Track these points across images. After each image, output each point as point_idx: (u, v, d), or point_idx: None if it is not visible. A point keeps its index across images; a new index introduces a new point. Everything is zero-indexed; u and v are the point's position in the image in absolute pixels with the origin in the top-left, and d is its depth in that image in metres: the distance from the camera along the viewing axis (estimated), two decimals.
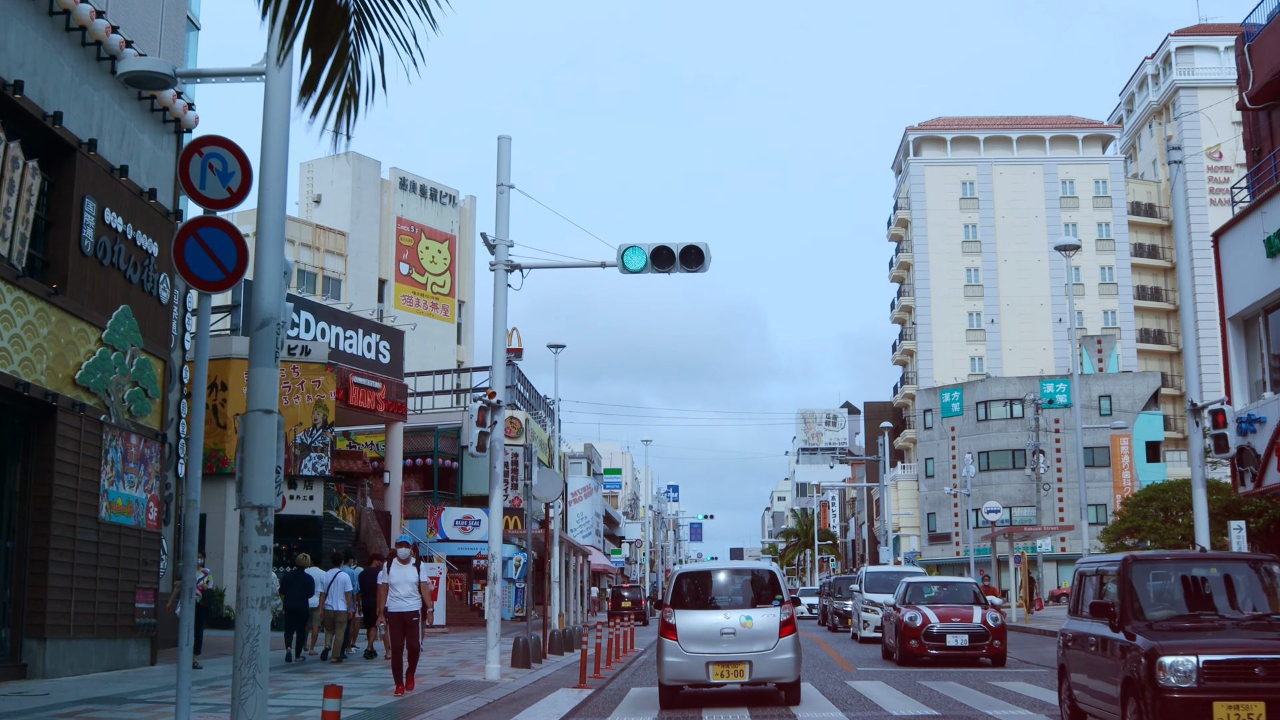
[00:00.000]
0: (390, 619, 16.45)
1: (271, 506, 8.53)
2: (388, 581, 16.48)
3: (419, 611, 16.46)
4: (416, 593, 16.44)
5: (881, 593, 31.37)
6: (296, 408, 42.06)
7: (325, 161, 71.48)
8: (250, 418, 8.60)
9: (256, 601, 8.19)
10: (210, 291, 9.02)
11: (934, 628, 21.31)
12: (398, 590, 16.34)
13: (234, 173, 9.12)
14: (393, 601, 16.33)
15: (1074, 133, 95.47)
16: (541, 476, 23.35)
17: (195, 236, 8.90)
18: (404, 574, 16.36)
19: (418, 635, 16.41)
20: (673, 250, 18.20)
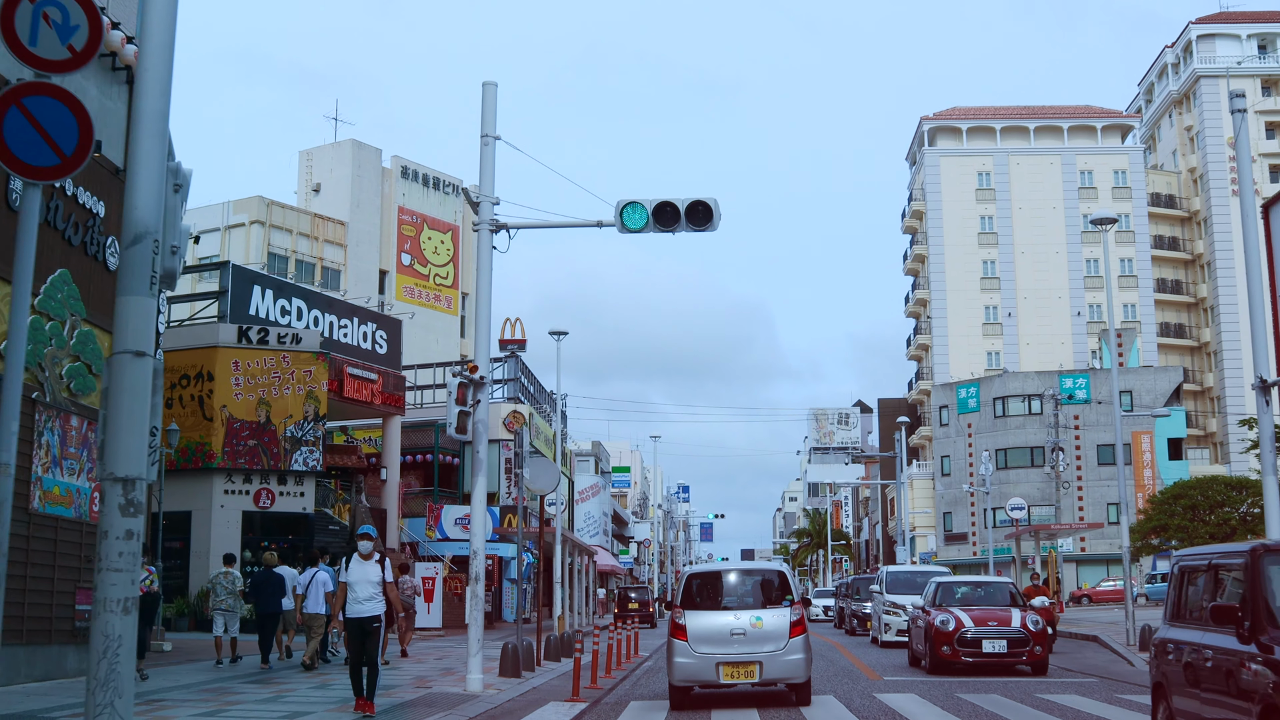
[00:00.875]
0: (347, 626, 14.11)
1: (142, 479, 6.37)
2: (345, 581, 14.14)
3: (381, 618, 14.04)
4: (380, 594, 13.97)
5: (904, 594, 29.32)
6: (286, 399, 40.11)
7: (325, 149, 69.59)
8: (116, 362, 6.47)
9: (117, 604, 6.13)
10: (40, 181, 6.70)
11: (968, 632, 19.21)
12: (356, 592, 13.91)
13: (78, 26, 6.75)
14: (350, 605, 13.92)
15: (1092, 122, 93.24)
16: (535, 467, 21.33)
17: (19, 107, 6.56)
18: (364, 572, 13.95)
19: (378, 646, 14.09)
20: (677, 206, 16.14)
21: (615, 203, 16.48)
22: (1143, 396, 78.16)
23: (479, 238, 16.50)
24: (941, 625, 19.40)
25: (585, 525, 75.92)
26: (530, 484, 21.08)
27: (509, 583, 53.78)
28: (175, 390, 39.63)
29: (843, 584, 44.03)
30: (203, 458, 38.89)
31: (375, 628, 13.92)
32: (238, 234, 63.44)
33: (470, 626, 15.65)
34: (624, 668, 22.21)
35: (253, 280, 43.08)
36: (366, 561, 14.09)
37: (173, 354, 39.47)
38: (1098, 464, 77.98)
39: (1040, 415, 78.15)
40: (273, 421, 39.77)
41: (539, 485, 21.07)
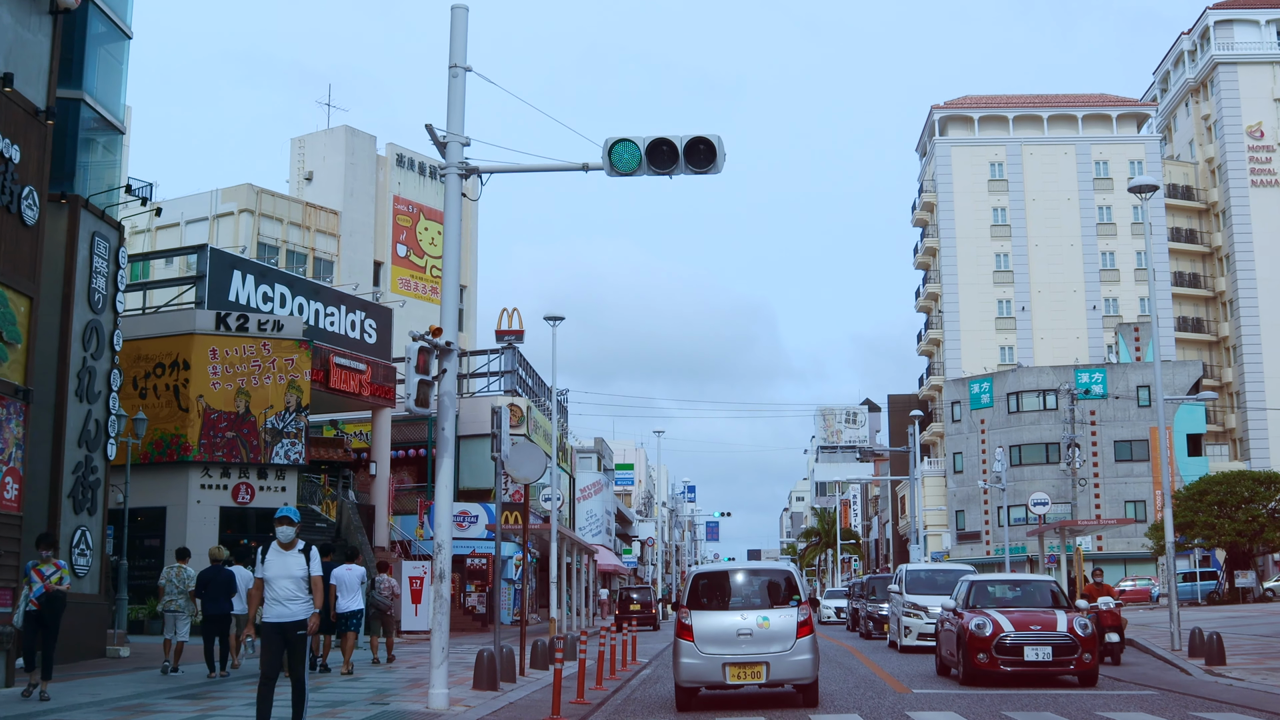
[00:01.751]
0: (263, 633, 11.49)
1: None
2: (261, 577, 11.57)
3: (308, 623, 11.53)
4: (305, 593, 11.49)
5: (925, 594, 27.04)
6: (267, 388, 37.98)
7: (318, 136, 67.42)
8: None
9: None
10: None
11: (1008, 638, 16.88)
12: (275, 589, 11.40)
13: None
14: (269, 606, 11.41)
15: (1108, 111, 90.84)
16: (518, 453, 19.06)
17: None
18: (285, 565, 11.46)
19: (304, 660, 11.50)
20: (675, 144, 13.89)
21: (603, 141, 14.24)
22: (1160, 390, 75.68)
23: (446, 184, 14.29)
24: (977, 630, 17.08)
25: (587, 524, 73.69)
26: (512, 471, 18.81)
27: (505, 583, 51.51)
28: (149, 379, 37.51)
29: (856, 584, 41.64)
30: (178, 450, 36.73)
31: (300, 636, 11.42)
32: (226, 223, 61.28)
33: (434, 632, 13.39)
34: (618, 677, 19.94)
35: (232, 265, 40.88)
36: (288, 552, 11.60)
37: (147, 341, 37.37)
38: (1115, 460, 75.60)
39: (1055, 411, 75.81)
40: (252, 412, 37.62)
41: (522, 472, 18.79)
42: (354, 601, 21.58)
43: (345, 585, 21.66)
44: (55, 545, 15.51)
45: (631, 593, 50.10)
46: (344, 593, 21.64)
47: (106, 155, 27.71)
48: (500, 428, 17.61)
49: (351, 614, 21.51)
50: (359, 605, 21.69)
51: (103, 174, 27.32)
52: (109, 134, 27.53)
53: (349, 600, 21.57)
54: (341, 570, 21.84)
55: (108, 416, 25.87)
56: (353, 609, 21.58)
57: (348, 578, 21.69)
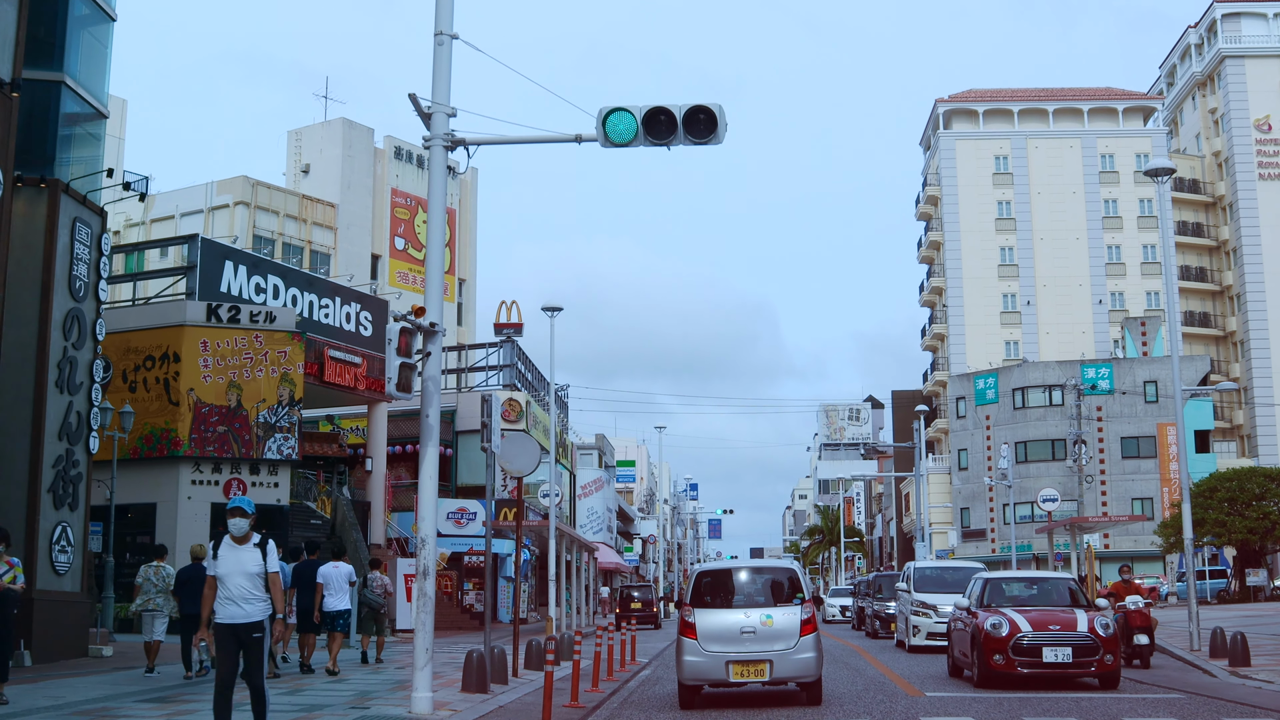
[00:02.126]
0: (216, 635, 10.54)
1: None
2: (214, 574, 10.60)
3: (265, 624, 10.54)
4: (262, 591, 10.51)
5: (934, 592, 26.19)
6: (259, 382, 37.10)
7: (315, 129, 66.63)
8: None
9: None
10: None
11: (1025, 638, 15.99)
12: (229, 587, 10.44)
13: None
14: (221, 606, 10.45)
15: (1113, 104, 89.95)
16: (511, 444, 18.22)
17: None
18: (238, 561, 10.52)
19: (261, 663, 10.48)
20: (673, 113, 13.05)
21: (597, 110, 13.39)
22: (1168, 387, 74.76)
23: (431, 156, 13.42)
24: (993, 630, 16.21)
25: (588, 521, 72.88)
26: (505, 463, 17.97)
27: (504, 580, 50.71)
28: (139, 372, 36.65)
29: (861, 582, 40.79)
30: (168, 445, 35.86)
31: (256, 639, 10.42)
32: (221, 216, 60.46)
33: (417, 633, 12.54)
34: (616, 678, 19.11)
35: (224, 255, 40.01)
36: (241, 546, 10.64)
37: (136, 334, 36.55)
38: (1121, 457, 74.74)
39: (1061, 406, 74.92)
40: (244, 406, 36.76)
41: (515, 465, 17.96)
42: (341, 600, 20.77)
43: (332, 584, 20.85)
44: (8, 541, 14.64)
45: (632, 591, 49.25)
46: (331, 591, 20.84)
47: (89, 140, 26.91)
48: (490, 417, 16.77)
49: (338, 613, 20.71)
50: (346, 604, 20.89)
51: (85, 159, 26.50)
52: (92, 118, 26.71)
53: (336, 599, 20.76)
54: (328, 568, 21.02)
55: (90, 409, 25.05)
56: (340, 608, 20.77)
57: (334, 576, 20.87)
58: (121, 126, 72.27)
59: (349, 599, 20.95)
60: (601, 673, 18.15)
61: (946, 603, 25.22)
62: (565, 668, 18.73)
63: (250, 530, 10.76)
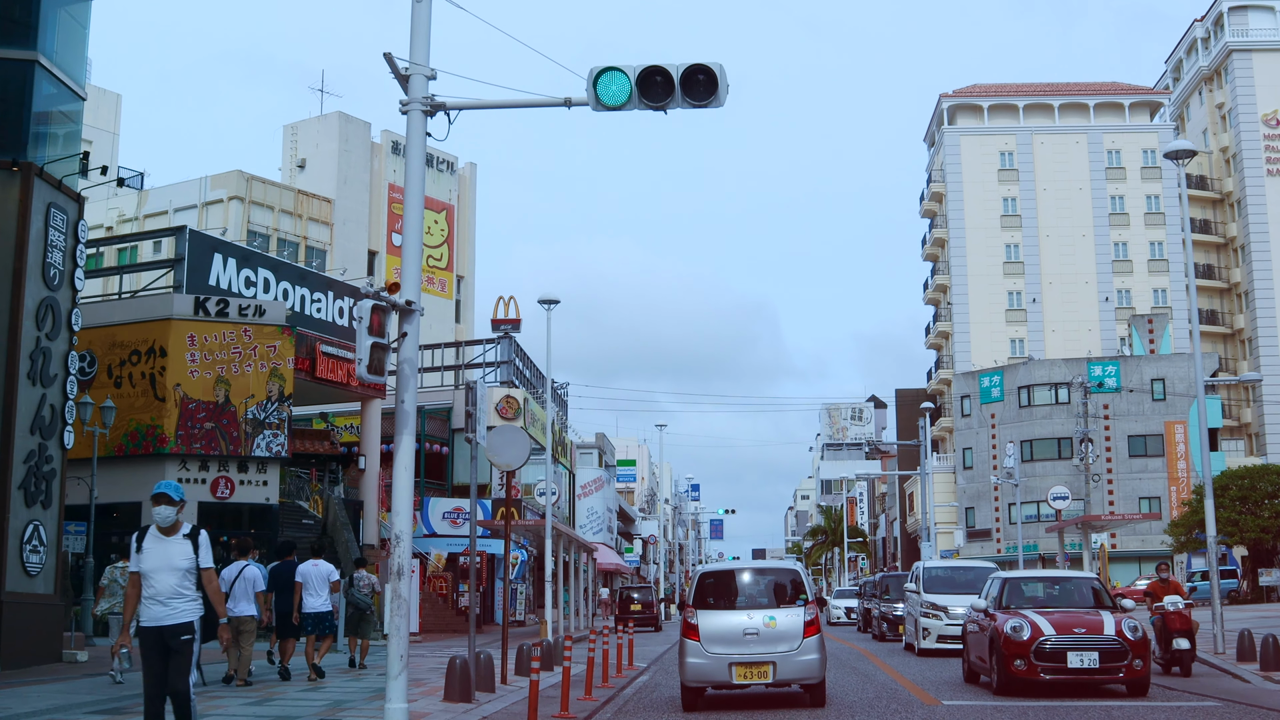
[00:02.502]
0: (140, 639, 9.35)
1: None
2: (137, 570, 9.38)
3: (195, 626, 9.33)
4: (192, 589, 9.37)
5: (945, 593, 25.14)
6: (248, 377, 36.12)
7: (311, 123, 65.63)
8: None
9: None
10: None
11: (1048, 642, 14.92)
12: (154, 584, 9.27)
13: None
14: (146, 607, 9.30)
15: (1120, 99, 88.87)
16: (500, 436, 17.19)
17: None
18: (165, 555, 9.32)
19: (187, 670, 9.27)
20: (670, 74, 12.02)
21: (588, 70, 12.35)
22: (1176, 385, 73.83)
23: (409, 122, 12.38)
24: (1014, 633, 15.14)
25: (588, 521, 71.86)
26: (493, 456, 16.94)
27: (500, 582, 49.70)
28: (124, 368, 35.67)
29: (867, 583, 39.67)
30: (154, 442, 34.86)
31: (184, 642, 9.22)
32: (215, 211, 59.46)
33: (391, 638, 11.49)
34: (612, 684, 18.07)
35: (213, 247, 39.01)
36: (169, 538, 9.42)
37: (122, 328, 35.61)
38: (1129, 455, 73.66)
39: (1068, 405, 73.84)
40: (232, 402, 35.78)
41: (504, 458, 16.92)
42: (321, 601, 19.75)
43: (311, 583, 19.84)
44: None
45: (632, 592, 48.13)
46: (310, 591, 19.82)
47: (65, 122, 25.86)
48: (475, 406, 15.70)
49: (319, 615, 19.69)
50: (327, 605, 19.85)
51: (61, 142, 25.46)
52: (68, 100, 25.66)
53: (316, 600, 19.75)
54: (307, 567, 20.01)
55: (65, 402, 24.00)
56: (320, 609, 19.75)
57: (313, 575, 19.86)
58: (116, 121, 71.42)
59: (328, 600, 19.92)
60: (596, 678, 17.13)
61: (957, 604, 24.23)
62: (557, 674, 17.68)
63: (179, 519, 9.58)
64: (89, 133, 63.72)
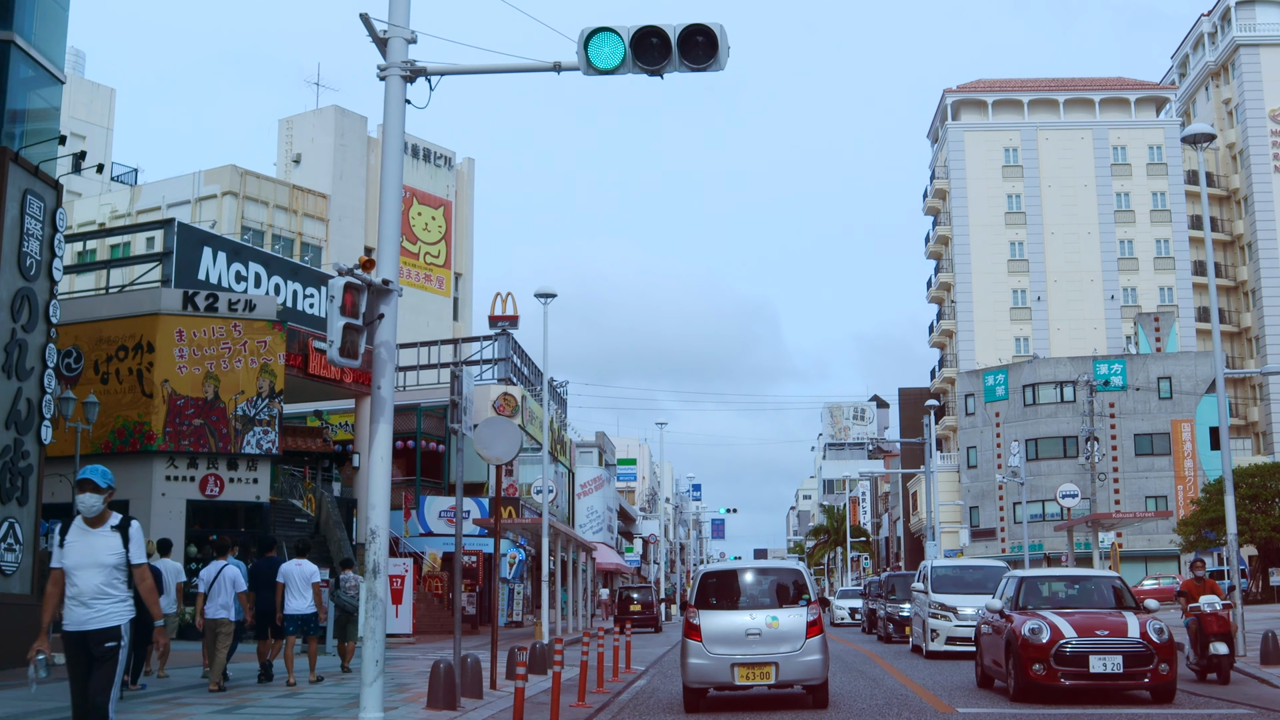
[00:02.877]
0: (65, 646, 8.45)
1: None
2: (60, 567, 8.48)
3: (123, 631, 8.42)
4: (121, 588, 8.44)
5: (954, 593, 24.28)
6: (238, 373, 35.26)
7: (306, 117, 64.73)
8: None
9: None
10: None
11: (1069, 645, 14.02)
12: (78, 582, 8.34)
13: None
14: (69, 609, 8.37)
15: (1126, 94, 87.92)
16: (487, 427, 16.34)
17: None
18: (89, 549, 8.43)
19: (110, 684, 8.29)
20: (667, 34, 11.16)
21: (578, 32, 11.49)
22: (1183, 383, 72.94)
23: (386, 88, 11.55)
24: (1032, 635, 14.25)
25: (588, 521, 70.97)
26: (482, 449, 16.09)
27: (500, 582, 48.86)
28: (111, 363, 34.80)
29: (872, 583, 38.79)
30: (141, 439, 33.98)
31: (109, 649, 8.28)
32: (208, 206, 58.58)
33: (366, 640, 10.61)
34: (607, 689, 17.21)
35: (202, 241, 38.17)
36: (94, 530, 8.54)
37: (109, 323, 34.74)
38: (1135, 454, 72.75)
39: (1073, 403, 73.01)
40: (221, 398, 34.90)
41: (493, 451, 16.07)
42: (303, 602, 18.91)
43: (294, 583, 19.00)
44: None
45: (631, 592, 47.19)
46: (293, 592, 18.99)
47: (43, 106, 25.01)
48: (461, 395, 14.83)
49: (301, 617, 18.85)
50: (310, 607, 19.01)
51: (39, 127, 24.61)
52: (46, 83, 24.81)
53: (298, 600, 18.91)
54: (290, 566, 19.18)
55: (42, 396, 23.15)
56: (302, 611, 18.92)
57: (296, 574, 19.02)
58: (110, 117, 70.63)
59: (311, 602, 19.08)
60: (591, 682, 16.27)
61: (967, 604, 23.39)
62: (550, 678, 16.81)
63: (106, 509, 8.66)
64: (82, 128, 62.98)
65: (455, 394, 14.97)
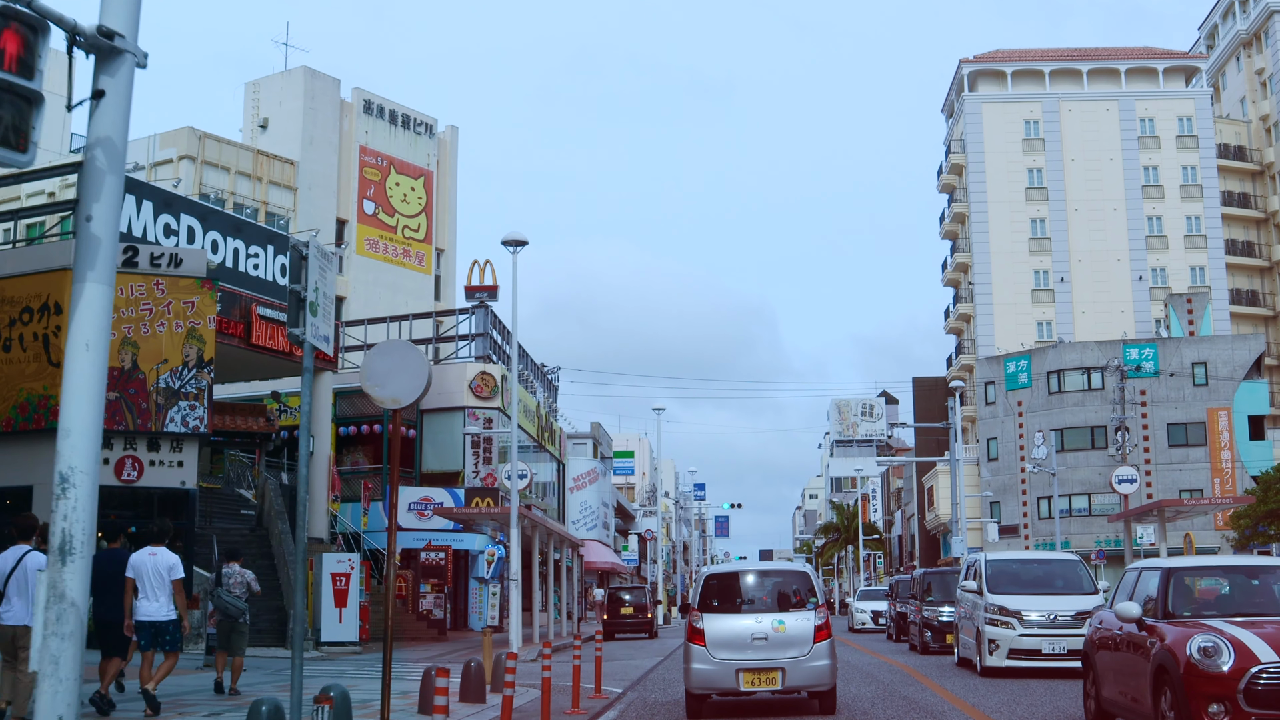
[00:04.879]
0: None
1: None
2: None
3: None
4: None
5: (1015, 593, 19.21)
6: (160, 338, 30.23)
7: (274, 79, 59.76)
8: None
9: None
10: None
11: (1263, 674, 8.96)
12: None
13: None
14: None
15: (1153, 64, 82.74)
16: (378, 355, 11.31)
17: None
18: None
19: None
20: None
21: None
22: (1219, 368, 67.84)
23: None
24: (1205, 658, 9.04)
25: (581, 516, 65.95)
26: (371, 385, 11.03)
27: (476, 582, 43.78)
28: (14, 328, 29.76)
29: (899, 581, 33.49)
30: (46, 415, 28.87)
31: None
32: (164, 172, 53.54)
33: (43, 681, 5.60)
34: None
35: (126, 189, 33.08)
36: None
37: (11, 281, 29.63)
38: (1168, 445, 67.67)
39: (1101, 391, 67.99)
40: (141, 368, 29.88)
41: (389, 389, 10.98)
42: (159, 607, 13.96)
43: (147, 580, 14.09)
44: None
45: (622, 593, 41.85)
46: (146, 593, 14.08)
47: None
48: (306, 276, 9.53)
49: (154, 625, 13.92)
50: (168, 612, 14.05)
51: None
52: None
53: (151, 604, 13.99)
54: (141, 556, 14.26)
55: None
56: (159, 618, 13.99)
57: (149, 569, 14.10)
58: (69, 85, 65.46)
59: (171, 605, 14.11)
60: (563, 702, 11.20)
61: (1034, 608, 18.48)
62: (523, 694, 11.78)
63: None
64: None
65: (304, 291, 9.60)
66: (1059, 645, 18.24)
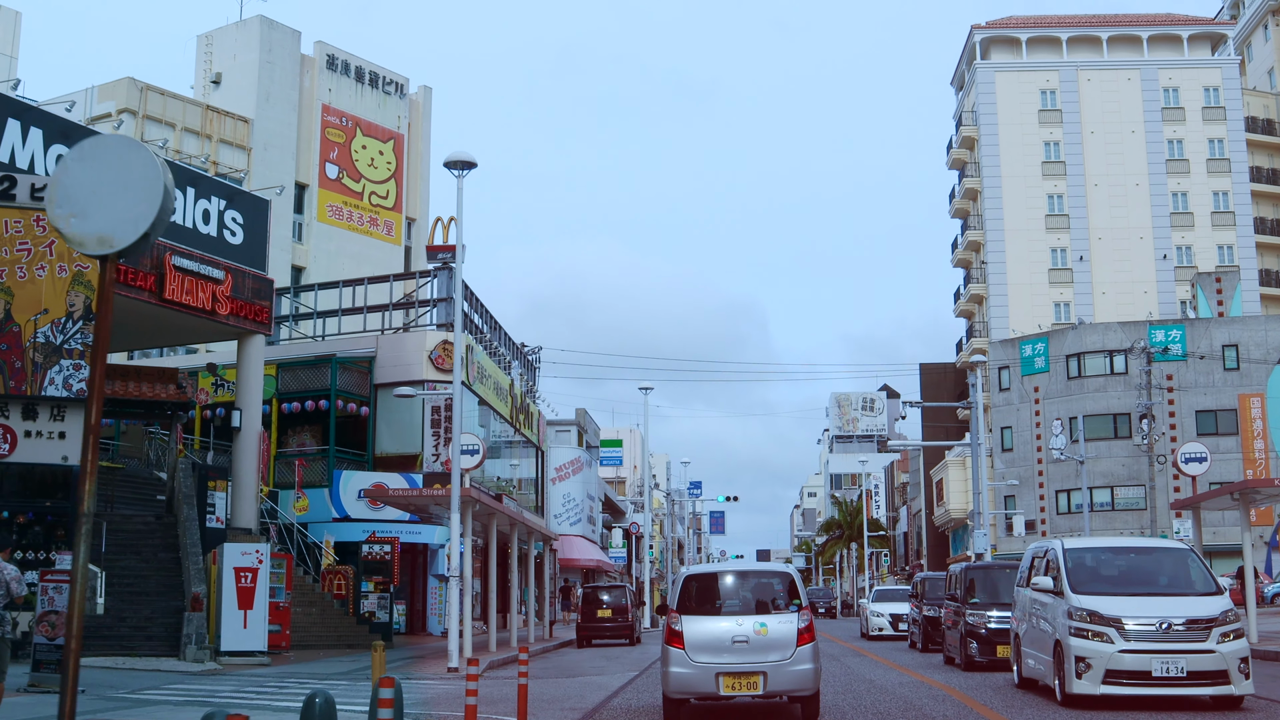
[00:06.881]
0: None
1: None
2: None
3: None
4: None
5: (1109, 593, 14.07)
6: (39, 284, 25.39)
7: (228, 31, 54.67)
8: None
9: None
10: None
11: None
12: None
13: None
14: None
15: (1177, 30, 77.63)
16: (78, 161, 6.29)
17: None
18: None
19: None
20: None
21: None
22: (1251, 351, 62.81)
23: None
24: None
25: (564, 510, 60.88)
26: (61, 212, 5.97)
27: (434, 580, 38.70)
28: None
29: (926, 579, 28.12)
30: None
31: None
32: (103, 127, 48.32)
33: None
34: None
35: (9, 111, 27.98)
36: None
37: None
38: (1197, 434, 62.42)
39: (1125, 375, 62.92)
40: (15, 319, 25.01)
41: (94, 219, 5.82)
42: None
43: None
44: None
45: (600, 593, 36.46)
46: None
47: None
48: None
49: None
50: None
51: None
52: None
53: None
54: None
55: None
56: None
57: None
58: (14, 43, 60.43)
59: None
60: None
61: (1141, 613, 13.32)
62: None
63: None
64: None
65: None
66: (1175, 666, 13.15)
